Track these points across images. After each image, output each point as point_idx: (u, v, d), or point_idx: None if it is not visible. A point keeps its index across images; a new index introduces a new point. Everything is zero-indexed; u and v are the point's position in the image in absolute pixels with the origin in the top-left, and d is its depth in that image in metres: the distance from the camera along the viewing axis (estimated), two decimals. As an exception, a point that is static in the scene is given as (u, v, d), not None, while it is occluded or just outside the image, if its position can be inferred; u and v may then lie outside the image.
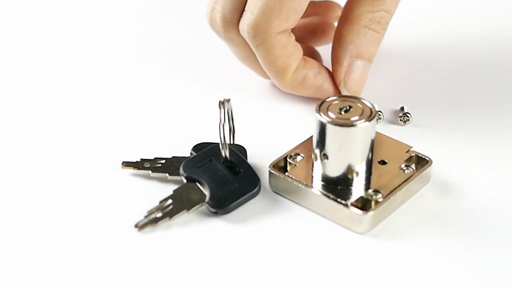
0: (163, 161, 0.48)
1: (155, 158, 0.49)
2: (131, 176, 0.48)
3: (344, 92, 0.53)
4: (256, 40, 0.50)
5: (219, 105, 0.47)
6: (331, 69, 0.54)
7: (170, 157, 0.49)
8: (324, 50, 0.58)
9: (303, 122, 0.53)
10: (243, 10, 0.50)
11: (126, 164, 0.49)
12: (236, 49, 0.54)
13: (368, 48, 0.53)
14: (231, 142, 0.49)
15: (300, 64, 0.52)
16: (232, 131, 0.49)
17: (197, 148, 0.49)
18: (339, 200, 0.44)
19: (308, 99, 0.55)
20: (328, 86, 0.53)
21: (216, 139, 0.48)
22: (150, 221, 0.44)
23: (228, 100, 0.48)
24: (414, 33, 0.64)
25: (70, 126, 0.54)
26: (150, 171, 0.48)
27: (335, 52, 0.54)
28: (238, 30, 0.51)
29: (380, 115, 0.53)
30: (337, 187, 0.45)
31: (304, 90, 0.53)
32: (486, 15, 0.67)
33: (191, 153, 0.49)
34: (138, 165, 0.48)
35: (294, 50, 0.51)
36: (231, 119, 0.49)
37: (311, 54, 0.57)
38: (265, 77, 0.55)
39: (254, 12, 0.49)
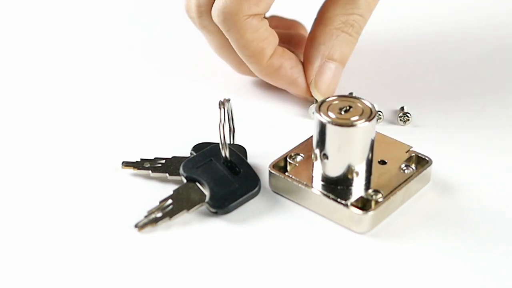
0: (163, 161, 0.48)
1: (155, 158, 0.49)
2: (131, 176, 0.48)
3: (314, 93, 0.53)
4: (227, 24, 0.50)
5: (219, 105, 0.47)
6: None
7: (170, 157, 0.49)
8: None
9: (303, 122, 0.53)
10: None
11: (126, 164, 0.49)
12: (211, 38, 0.54)
13: (341, 50, 0.53)
14: (231, 142, 0.49)
15: (277, 51, 0.52)
16: (232, 131, 0.49)
17: (197, 148, 0.49)
18: (339, 200, 0.44)
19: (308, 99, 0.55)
20: (302, 81, 0.53)
21: (216, 139, 0.48)
22: (150, 221, 0.44)
23: (228, 100, 0.48)
24: (414, 33, 0.64)
25: (70, 126, 0.54)
26: (150, 171, 0.48)
27: (306, 53, 0.54)
28: (207, 14, 0.51)
29: (380, 115, 0.53)
30: (337, 187, 0.45)
31: (278, 80, 0.53)
32: (486, 15, 0.67)
33: (191, 153, 0.49)
34: (138, 165, 0.48)
35: (267, 35, 0.51)
36: (231, 119, 0.49)
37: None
38: (241, 71, 0.55)
39: None
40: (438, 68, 0.60)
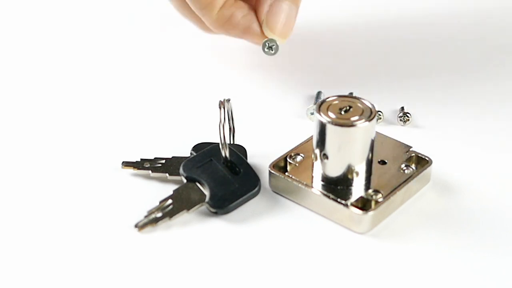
0: (163, 161, 0.48)
1: (155, 158, 0.49)
2: (131, 176, 0.48)
3: (268, 33, 0.53)
4: None
5: (219, 105, 0.47)
6: None
7: (170, 157, 0.49)
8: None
9: (303, 122, 0.53)
10: None
11: (126, 164, 0.49)
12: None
13: None
14: (231, 142, 0.49)
15: (228, 2, 0.52)
16: (232, 131, 0.49)
17: (197, 148, 0.49)
18: (339, 200, 0.44)
19: (308, 99, 0.55)
20: (255, 27, 0.53)
21: (216, 139, 0.48)
22: (150, 221, 0.44)
23: (228, 100, 0.48)
24: (414, 33, 0.64)
25: (70, 126, 0.54)
26: (150, 171, 0.48)
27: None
28: None
29: (380, 115, 0.53)
30: (337, 187, 0.45)
31: (231, 30, 0.53)
32: (486, 14, 0.67)
33: (191, 153, 0.49)
34: (138, 165, 0.48)
35: None
36: (231, 119, 0.49)
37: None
38: (204, 29, 0.56)
39: None
40: (438, 68, 0.60)
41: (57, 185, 0.48)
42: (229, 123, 0.49)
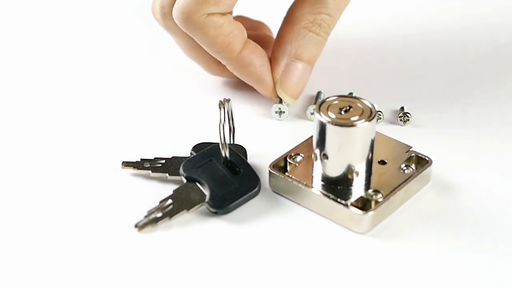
0: (163, 161, 0.48)
1: (155, 158, 0.49)
2: (131, 176, 0.48)
3: (280, 93, 0.53)
4: (187, 25, 0.50)
5: (219, 105, 0.47)
6: None
7: (170, 157, 0.49)
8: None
9: (303, 122, 0.53)
10: None
11: (126, 164, 0.49)
12: (178, 39, 0.54)
13: (308, 50, 0.53)
14: (231, 142, 0.49)
15: (249, 46, 0.52)
16: (232, 131, 0.49)
17: (197, 148, 0.49)
18: (339, 200, 0.44)
19: (308, 99, 0.55)
20: (269, 81, 0.53)
21: (216, 139, 0.48)
22: (150, 221, 0.44)
23: (228, 100, 0.48)
24: (414, 33, 0.64)
25: (70, 126, 0.54)
26: (150, 171, 0.48)
27: (273, 53, 0.53)
28: (170, 15, 0.52)
29: (380, 115, 0.53)
30: (337, 187, 0.45)
31: (246, 76, 0.53)
32: (486, 14, 0.67)
33: (191, 153, 0.49)
34: (138, 165, 0.48)
35: (232, 28, 0.51)
36: (231, 119, 0.49)
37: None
38: (212, 72, 0.56)
39: None
40: (438, 68, 0.60)
41: (57, 185, 0.48)
42: (229, 123, 0.49)
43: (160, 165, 0.48)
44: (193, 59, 0.56)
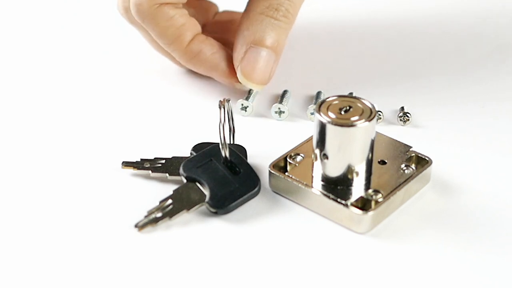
0: (163, 161, 0.48)
1: (155, 158, 0.49)
2: (131, 176, 0.48)
3: (242, 80, 0.52)
4: (140, 15, 0.51)
5: (219, 105, 0.47)
6: None
7: (170, 157, 0.49)
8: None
9: (303, 122, 0.53)
10: None
11: (126, 164, 0.49)
12: (142, 33, 0.55)
13: (268, 35, 0.52)
14: (231, 142, 0.49)
15: (198, 38, 0.52)
16: (232, 131, 0.49)
17: (197, 148, 0.49)
18: (339, 200, 0.44)
19: (308, 99, 0.55)
20: (223, 66, 0.53)
21: (216, 139, 0.48)
22: (150, 221, 0.44)
23: (228, 100, 0.48)
24: (414, 33, 0.64)
25: (70, 126, 0.54)
26: (150, 171, 0.48)
27: (235, 41, 0.53)
28: None
29: (380, 115, 0.53)
30: (337, 187, 0.45)
31: (199, 65, 0.53)
32: (486, 14, 0.67)
33: (191, 153, 0.49)
34: (138, 165, 0.48)
35: (184, 21, 0.51)
36: (231, 119, 0.49)
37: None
38: (175, 63, 0.56)
39: None
40: (438, 68, 0.60)
41: (57, 185, 0.48)
42: (229, 123, 0.49)
43: (160, 165, 0.48)
44: (159, 52, 0.56)
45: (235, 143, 0.49)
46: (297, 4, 0.52)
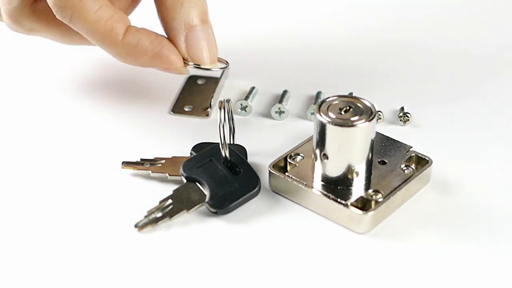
0: (163, 161, 0.48)
1: (155, 158, 0.49)
2: (131, 176, 0.48)
3: (197, 66, 0.50)
4: (66, 12, 0.48)
5: (219, 105, 0.47)
6: None
7: (170, 157, 0.49)
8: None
9: (303, 122, 0.53)
10: None
11: (126, 164, 0.49)
12: (48, 34, 0.52)
13: (193, 14, 0.49)
14: (231, 142, 0.49)
15: (131, 29, 0.49)
16: (232, 131, 0.49)
17: (197, 148, 0.49)
18: (339, 200, 0.44)
19: (308, 99, 0.55)
20: (167, 52, 0.49)
21: (216, 139, 0.48)
22: (150, 221, 0.44)
23: (228, 101, 0.48)
24: (414, 33, 0.64)
25: (70, 126, 0.54)
26: (150, 171, 0.48)
27: (168, 37, 0.50)
28: (28, 18, 0.51)
29: (380, 115, 0.53)
30: (337, 187, 0.45)
31: (140, 57, 0.49)
32: (486, 15, 0.67)
33: (191, 153, 0.49)
34: (138, 165, 0.48)
35: (112, 13, 0.48)
36: (231, 119, 0.49)
37: None
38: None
39: None
40: (438, 68, 0.60)
41: (57, 184, 0.48)
42: (229, 123, 0.49)
43: (160, 165, 0.48)
44: (74, 44, 0.54)
45: (235, 143, 0.49)
46: None
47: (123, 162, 0.49)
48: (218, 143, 0.47)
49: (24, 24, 0.51)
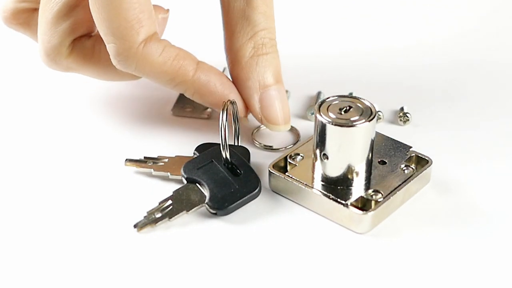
0: (166, 160, 0.48)
1: (158, 156, 0.49)
2: (134, 174, 0.48)
3: (272, 127, 0.50)
4: (129, 63, 0.46)
5: (222, 106, 0.47)
6: None
7: (174, 156, 0.49)
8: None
9: (303, 122, 0.53)
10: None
11: (129, 161, 0.49)
12: (86, 71, 0.51)
13: (269, 73, 0.49)
14: (236, 144, 0.49)
15: (202, 66, 0.48)
16: (237, 132, 0.49)
17: (201, 148, 0.49)
18: (339, 200, 0.44)
19: (308, 99, 0.55)
20: (235, 97, 0.49)
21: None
22: (150, 222, 0.44)
23: (232, 102, 0.48)
24: (414, 33, 0.64)
25: (74, 124, 0.54)
26: (152, 169, 0.48)
27: (241, 95, 0.50)
28: (66, 58, 0.50)
29: (380, 115, 0.53)
30: (337, 187, 0.45)
31: (209, 96, 0.49)
32: (486, 15, 0.67)
33: (194, 154, 0.49)
34: (141, 162, 0.49)
35: (177, 51, 0.47)
36: (236, 120, 0.49)
37: None
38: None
39: (109, 39, 0.45)
40: (438, 68, 0.60)
41: (59, 183, 0.48)
42: (234, 124, 0.49)
43: (162, 164, 0.48)
44: (114, 80, 0.53)
45: (239, 144, 0.49)
46: (274, 26, 0.50)
47: (126, 159, 0.49)
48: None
49: (61, 63, 0.50)
